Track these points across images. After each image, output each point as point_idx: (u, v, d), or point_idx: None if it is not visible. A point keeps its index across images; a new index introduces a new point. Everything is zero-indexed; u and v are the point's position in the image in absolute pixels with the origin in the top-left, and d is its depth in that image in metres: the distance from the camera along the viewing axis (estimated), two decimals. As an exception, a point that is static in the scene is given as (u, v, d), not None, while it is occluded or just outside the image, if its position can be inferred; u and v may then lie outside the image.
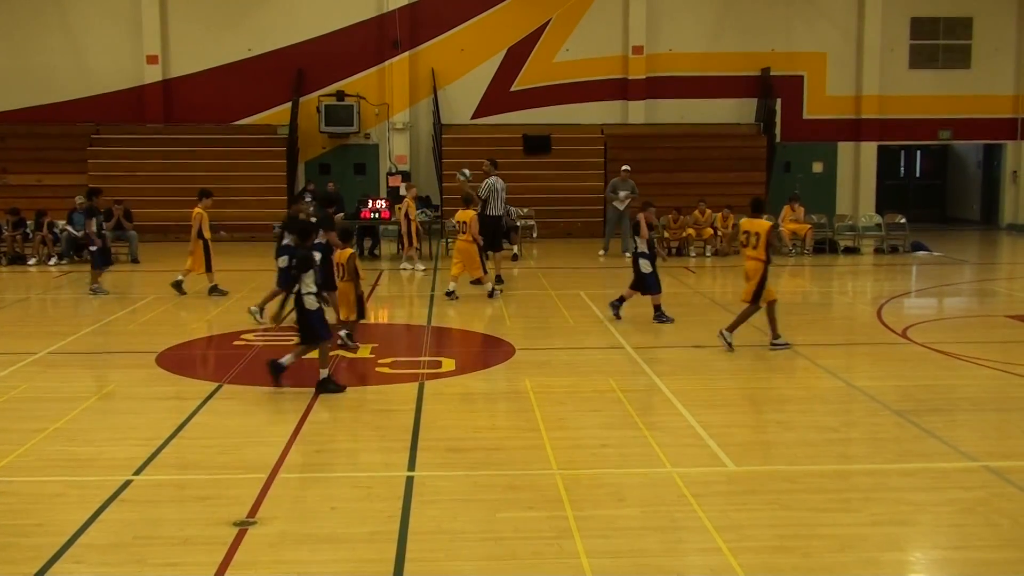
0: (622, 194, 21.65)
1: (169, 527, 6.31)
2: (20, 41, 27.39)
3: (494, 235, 17.29)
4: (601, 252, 21.98)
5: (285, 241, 13.19)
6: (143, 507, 6.71)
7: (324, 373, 9.91)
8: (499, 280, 16.73)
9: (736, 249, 21.47)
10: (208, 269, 16.23)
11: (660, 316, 13.40)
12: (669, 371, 10.72)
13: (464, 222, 15.62)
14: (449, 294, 15.54)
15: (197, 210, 16.26)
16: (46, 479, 7.29)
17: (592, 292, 16.42)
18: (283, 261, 13.10)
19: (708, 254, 22.41)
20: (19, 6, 27.31)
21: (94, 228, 16.58)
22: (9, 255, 21.14)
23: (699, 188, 24.72)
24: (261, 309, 13.40)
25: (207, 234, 16.08)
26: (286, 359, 10.09)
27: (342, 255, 11.21)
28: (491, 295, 15.71)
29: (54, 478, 7.32)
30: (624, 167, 22.11)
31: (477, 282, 15.93)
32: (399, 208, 19.93)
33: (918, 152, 33.82)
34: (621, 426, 8.66)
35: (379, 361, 11.39)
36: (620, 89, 28.49)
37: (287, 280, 11.30)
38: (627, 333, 12.72)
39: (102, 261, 16.75)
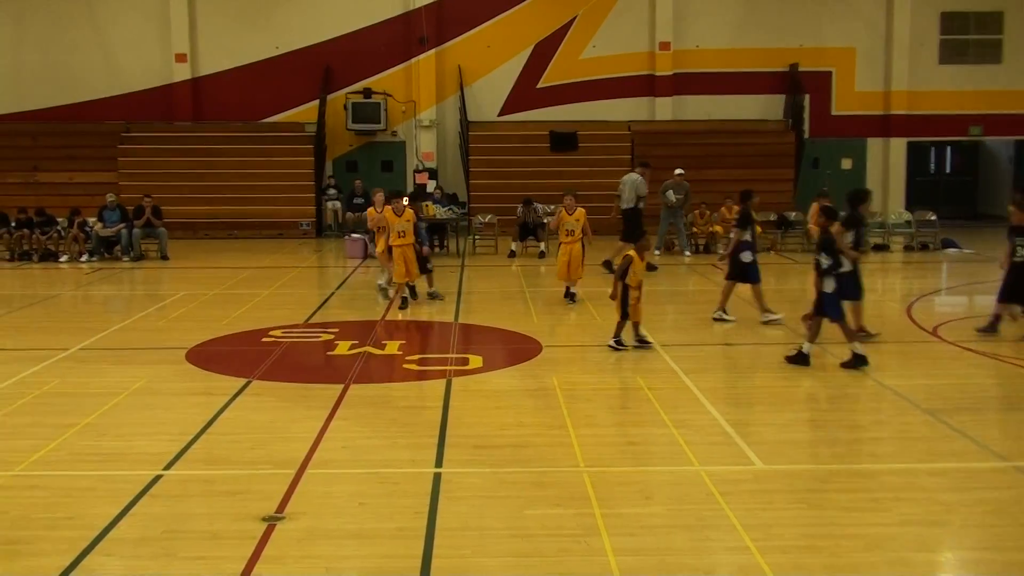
0: (674, 195, 21.47)
1: (198, 521, 6.36)
2: (52, 41, 27.65)
3: (630, 226, 17.56)
4: (656, 251, 21.64)
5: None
6: (173, 502, 6.77)
7: (858, 348, 10.49)
8: (651, 268, 16.52)
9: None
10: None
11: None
12: (697, 368, 10.68)
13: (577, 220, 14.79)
14: (570, 296, 14.87)
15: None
16: (77, 473, 7.36)
17: (619, 289, 16.37)
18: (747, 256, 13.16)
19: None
20: (51, 7, 27.55)
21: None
22: (40, 252, 21.33)
23: (726, 185, 24.50)
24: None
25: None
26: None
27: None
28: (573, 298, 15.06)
29: (85, 472, 7.39)
30: (678, 171, 21.79)
31: (570, 297, 14.96)
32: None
33: (948, 148, 33.50)
34: (649, 423, 8.64)
35: (406, 358, 11.42)
36: (647, 86, 28.42)
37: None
38: (655, 330, 12.67)
39: None
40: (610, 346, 11.55)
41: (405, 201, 14.86)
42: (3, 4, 27.60)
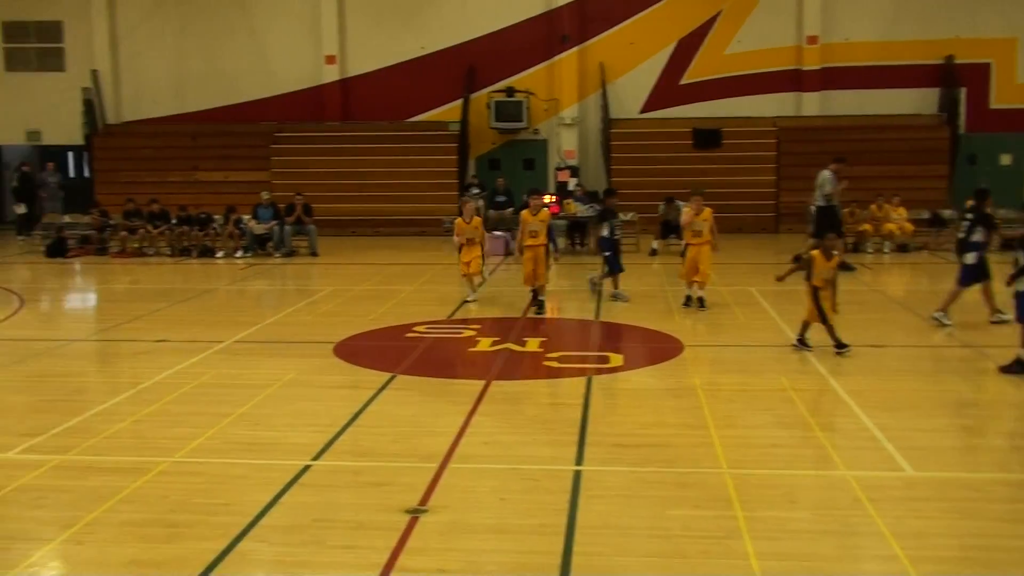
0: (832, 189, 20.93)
1: (345, 511, 6.54)
2: (211, 47, 28.82)
3: (820, 224, 17.12)
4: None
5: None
6: (321, 491, 6.98)
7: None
8: (846, 268, 15.88)
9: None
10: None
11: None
12: (844, 371, 10.39)
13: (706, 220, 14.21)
14: (697, 301, 14.21)
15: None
16: (232, 461, 7.67)
17: (763, 288, 16.07)
18: (971, 258, 12.81)
19: (886, 250, 21.58)
20: (210, 15, 28.72)
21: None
22: (198, 248, 22.27)
23: (877, 182, 23.77)
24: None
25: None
26: None
27: None
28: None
29: (239, 460, 7.69)
30: (838, 161, 21.01)
31: (698, 302, 14.28)
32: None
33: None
34: (793, 426, 8.47)
35: (547, 355, 11.48)
36: (793, 80, 27.76)
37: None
38: (793, 331, 12.38)
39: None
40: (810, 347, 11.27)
41: (550, 198, 14.87)
42: (168, 15, 28.90)
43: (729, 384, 9.97)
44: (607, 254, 15.28)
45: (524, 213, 14.57)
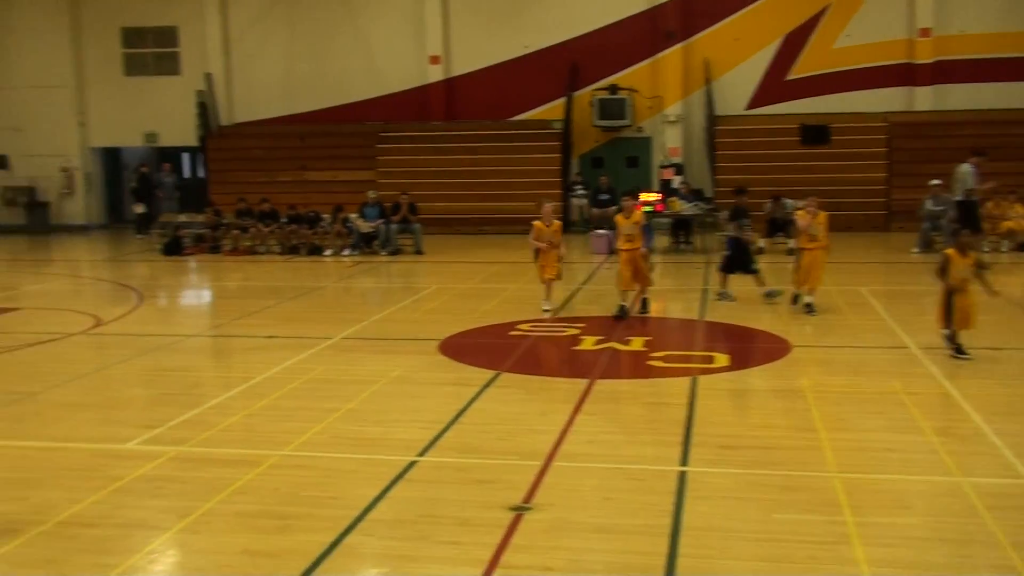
0: (932, 206, 20.33)
1: (450, 507, 6.61)
2: (318, 49, 29.39)
3: (961, 220, 17.02)
4: (915, 250, 20.55)
5: None
6: (426, 487, 7.07)
7: None
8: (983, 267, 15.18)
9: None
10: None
11: None
12: (959, 374, 10.08)
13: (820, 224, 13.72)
14: (807, 307, 13.66)
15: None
16: (340, 455, 7.82)
17: (874, 288, 15.72)
18: None
19: (1004, 249, 20.83)
20: (317, 17, 29.28)
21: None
22: (307, 246, 22.73)
23: (994, 179, 23.01)
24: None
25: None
26: None
27: None
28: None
29: (347, 455, 7.84)
30: (978, 155, 20.27)
31: (807, 308, 13.68)
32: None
33: None
34: (906, 430, 8.25)
35: (652, 354, 11.41)
36: (905, 74, 27.00)
37: None
38: (913, 332, 12.07)
39: None
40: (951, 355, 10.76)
41: (655, 196, 14.55)
42: (277, 18, 29.59)
43: (839, 386, 9.77)
44: (728, 253, 15.03)
45: (618, 217, 14.08)
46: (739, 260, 14.95)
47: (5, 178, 30.72)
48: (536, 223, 14.22)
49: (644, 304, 13.97)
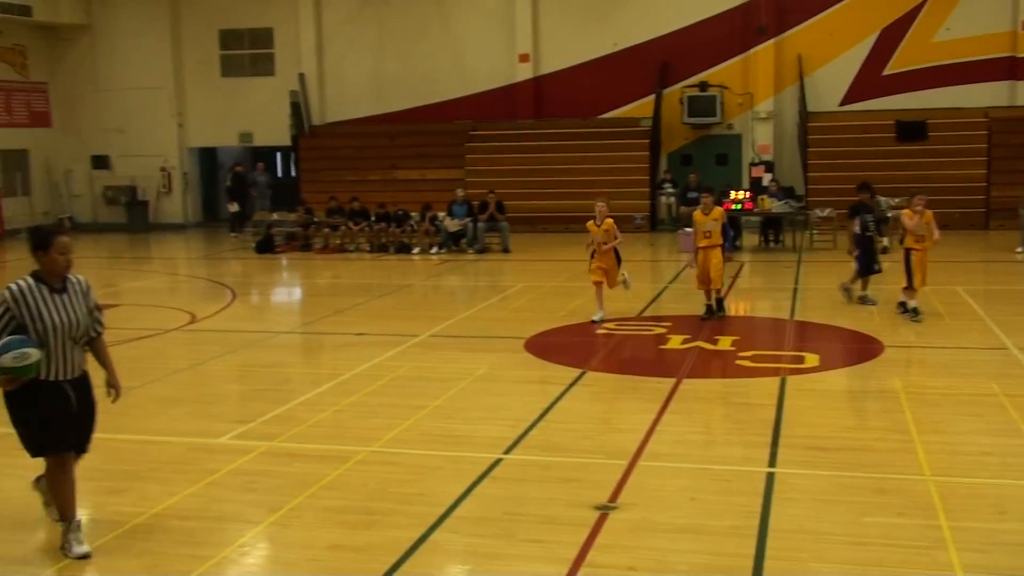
0: None
1: (535, 505, 6.62)
2: (408, 48, 29.66)
3: None
4: (1020, 249, 19.87)
5: None
6: (511, 484, 7.09)
7: None
8: None
9: None
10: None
11: None
12: (1062, 376, 9.76)
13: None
14: (914, 311, 12.95)
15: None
16: (426, 452, 7.89)
17: (971, 288, 15.29)
18: None
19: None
20: (407, 17, 29.54)
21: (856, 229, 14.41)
22: (396, 244, 22.97)
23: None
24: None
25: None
26: None
27: None
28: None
29: (433, 452, 7.91)
30: None
31: (913, 313, 12.99)
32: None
33: None
34: (1004, 433, 8.01)
35: (740, 354, 11.26)
36: (1008, 69, 26.15)
37: None
38: (1012, 333, 11.70)
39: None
40: None
41: (744, 195, 14.11)
42: (368, 18, 29.94)
43: (934, 388, 9.53)
44: (856, 254, 14.25)
45: (696, 213, 13.64)
46: (869, 259, 14.11)
47: (107, 178, 31.65)
48: (589, 223, 13.63)
49: (719, 305, 13.46)
